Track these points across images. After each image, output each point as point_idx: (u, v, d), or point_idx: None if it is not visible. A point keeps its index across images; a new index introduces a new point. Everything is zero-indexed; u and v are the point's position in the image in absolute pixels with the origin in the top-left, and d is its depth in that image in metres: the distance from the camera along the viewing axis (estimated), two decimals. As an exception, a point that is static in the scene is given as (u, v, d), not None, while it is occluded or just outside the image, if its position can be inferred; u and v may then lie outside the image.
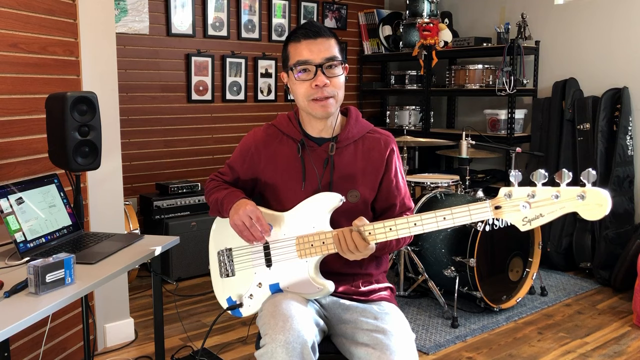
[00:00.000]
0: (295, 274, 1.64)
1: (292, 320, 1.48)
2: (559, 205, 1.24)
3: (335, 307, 1.70)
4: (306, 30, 1.62)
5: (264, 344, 1.47)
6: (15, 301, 1.51)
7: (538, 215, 1.26)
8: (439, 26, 4.59)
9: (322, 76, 1.60)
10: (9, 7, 2.24)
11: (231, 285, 1.77)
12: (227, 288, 1.78)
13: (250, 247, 1.71)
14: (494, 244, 3.28)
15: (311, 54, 1.60)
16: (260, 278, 1.70)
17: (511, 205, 1.30)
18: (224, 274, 1.78)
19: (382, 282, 1.81)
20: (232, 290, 1.77)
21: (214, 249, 1.83)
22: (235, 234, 1.68)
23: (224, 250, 1.78)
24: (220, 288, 1.81)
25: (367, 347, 1.53)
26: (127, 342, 2.95)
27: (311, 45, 1.60)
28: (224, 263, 1.77)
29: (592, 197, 1.22)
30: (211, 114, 4.49)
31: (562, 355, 2.85)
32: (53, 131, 2.05)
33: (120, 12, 3.93)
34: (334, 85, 1.62)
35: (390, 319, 1.62)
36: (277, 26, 4.75)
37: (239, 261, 1.75)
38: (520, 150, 3.61)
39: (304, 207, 1.64)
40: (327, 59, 1.60)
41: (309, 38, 1.61)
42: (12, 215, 1.87)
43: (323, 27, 1.65)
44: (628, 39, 4.01)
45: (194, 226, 3.91)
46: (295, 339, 1.45)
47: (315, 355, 1.50)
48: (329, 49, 1.61)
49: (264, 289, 1.69)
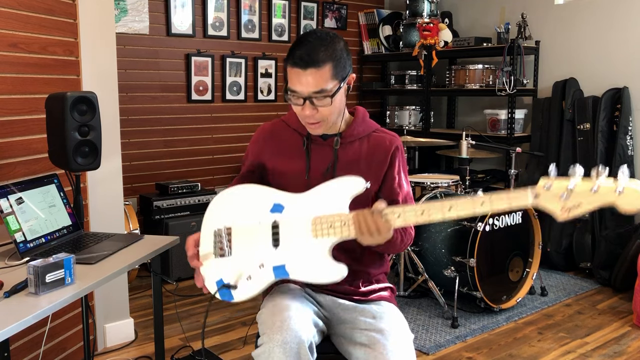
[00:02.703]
0: (306, 255, 1.54)
1: (290, 320, 1.48)
2: (598, 196, 1.26)
3: (335, 307, 1.70)
4: (299, 58, 1.56)
5: (261, 344, 1.47)
6: (15, 301, 1.51)
7: (577, 205, 1.27)
8: (439, 26, 4.59)
9: (309, 108, 1.59)
10: (9, 7, 2.24)
11: (225, 266, 1.62)
12: (220, 269, 1.62)
13: (255, 226, 1.60)
14: (494, 244, 3.28)
15: (300, 86, 1.57)
16: (263, 259, 1.57)
17: (551, 195, 1.30)
18: (219, 253, 1.62)
19: (382, 282, 1.81)
20: (226, 272, 1.61)
21: (209, 227, 1.67)
22: (237, 212, 1.60)
23: (223, 229, 1.63)
24: (211, 270, 1.64)
25: (364, 347, 1.53)
26: (127, 342, 2.95)
27: (300, 76, 1.56)
28: (220, 242, 1.63)
29: (630, 193, 1.24)
30: (211, 114, 4.49)
31: (562, 356, 2.85)
32: (53, 131, 2.05)
33: (120, 12, 3.93)
34: (322, 113, 1.61)
35: (388, 319, 1.62)
36: (277, 26, 4.75)
37: (240, 241, 1.63)
38: (520, 150, 3.61)
39: (324, 189, 1.57)
40: (314, 92, 1.57)
41: (299, 67, 1.56)
42: (12, 215, 1.87)
43: (316, 54, 1.55)
44: (628, 39, 4.01)
45: (193, 226, 3.91)
46: (293, 339, 1.45)
47: (313, 355, 1.50)
48: (318, 81, 1.56)
49: (266, 271, 1.56)
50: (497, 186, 4.44)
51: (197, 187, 4.06)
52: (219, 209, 1.69)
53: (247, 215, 1.62)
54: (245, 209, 1.63)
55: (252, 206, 1.62)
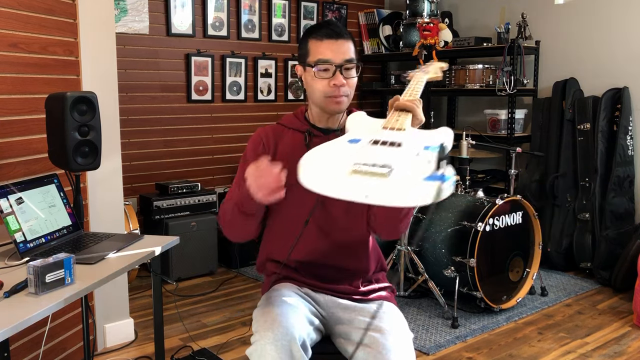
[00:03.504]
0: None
1: (281, 318, 1.49)
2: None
3: (334, 306, 1.70)
4: (330, 30, 1.67)
5: (254, 341, 1.48)
6: (15, 301, 1.51)
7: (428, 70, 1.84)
8: (439, 26, 4.59)
9: (340, 77, 1.65)
10: (9, 7, 2.24)
11: None
12: None
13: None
14: (494, 244, 3.28)
15: (332, 54, 1.65)
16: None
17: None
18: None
19: (382, 282, 1.81)
20: None
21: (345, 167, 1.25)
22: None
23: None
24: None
25: (363, 346, 1.54)
26: (127, 342, 2.95)
27: (333, 46, 1.65)
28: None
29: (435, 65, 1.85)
30: (211, 114, 4.49)
31: (562, 356, 2.85)
32: (53, 131, 2.05)
33: (120, 12, 3.93)
34: (349, 85, 1.68)
35: (387, 318, 1.62)
36: (277, 26, 4.75)
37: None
38: (521, 150, 3.60)
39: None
40: (346, 61, 1.66)
41: (332, 38, 1.66)
42: (12, 215, 1.87)
43: (344, 29, 1.71)
44: (628, 39, 4.01)
45: (194, 226, 3.91)
46: (284, 336, 1.45)
47: (307, 353, 1.50)
48: (348, 51, 1.67)
49: None
50: (498, 186, 4.44)
51: (197, 187, 4.06)
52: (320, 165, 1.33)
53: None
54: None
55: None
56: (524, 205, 3.41)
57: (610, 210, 3.88)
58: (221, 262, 4.19)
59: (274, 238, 1.78)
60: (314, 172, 1.25)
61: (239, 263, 4.16)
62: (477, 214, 3.19)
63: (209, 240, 3.98)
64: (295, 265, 1.75)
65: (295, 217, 1.70)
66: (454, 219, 3.32)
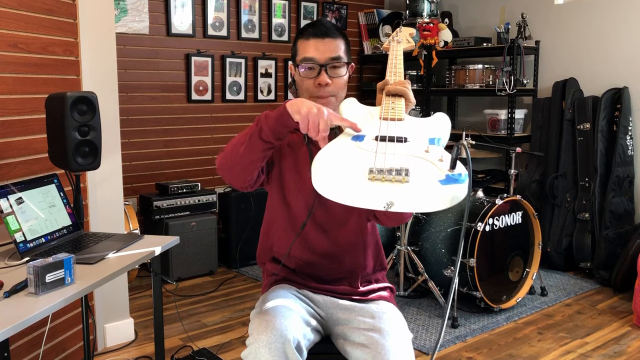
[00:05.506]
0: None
1: (275, 320, 1.49)
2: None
3: (333, 307, 1.70)
4: (315, 28, 1.66)
5: (248, 344, 1.48)
6: (15, 301, 1.51)
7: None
8: (439, 26, 4.59)
9: (325, 75, 1.63)
10: (9, 7, 2.24)
11: None
12: None
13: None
14: (494, 244, 3.28)
15: (317, 53, 1.64)
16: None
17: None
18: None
19: (382, 282, 1.81)
20: None
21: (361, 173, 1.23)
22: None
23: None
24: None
25: (362, 347, 1.53)
26: (127, 342, 2.95)
27: (318, 44, 1.64)
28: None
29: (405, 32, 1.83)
30: (211, 114, 4.49)
31: (562, 355, 2.85)
32: (53, 131, 2.05)
33: (120, 12, 3.93)
34: (336, 85, 1.66)
35: (387, 318, 1.62)
36: (277, 26, 4.75)
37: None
38: (520, 150, 3.61)
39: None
40: (332, 59, 1.64)
41: (318, 37, 1.65)
42: (12, 215, 1.87)
43: (332, 27, 1.68)
44: (628, 39, 4.01)
45: (193, 226, 3.91)
46: (278, 338, 1.45)
47: (302, 354, 1.49)
48: (335, 50, 1.65)
49: None
50: (497, 186, 4.44)
51: (197, 187, 4.06)
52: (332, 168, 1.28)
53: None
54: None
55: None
56: (524, 205, 3.42)
57: (610, 210, 3.89)
58: (221, 262, 4.19)
59: (277, 228, 1.77)
60: (329, 181, 1.21)
61: (239, 263, 4.16)
62: (477, 214, 3.20)
63: (209, 240, 3.99)
64: (294, 267, 1.74)
65: (297, 209, 1.70)
66: (453, 219, 3.32)
